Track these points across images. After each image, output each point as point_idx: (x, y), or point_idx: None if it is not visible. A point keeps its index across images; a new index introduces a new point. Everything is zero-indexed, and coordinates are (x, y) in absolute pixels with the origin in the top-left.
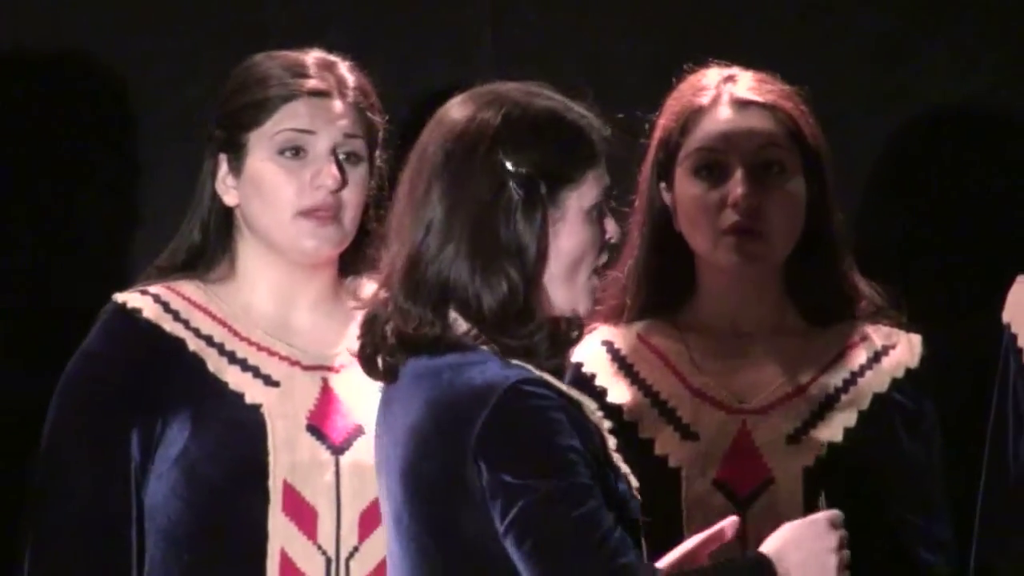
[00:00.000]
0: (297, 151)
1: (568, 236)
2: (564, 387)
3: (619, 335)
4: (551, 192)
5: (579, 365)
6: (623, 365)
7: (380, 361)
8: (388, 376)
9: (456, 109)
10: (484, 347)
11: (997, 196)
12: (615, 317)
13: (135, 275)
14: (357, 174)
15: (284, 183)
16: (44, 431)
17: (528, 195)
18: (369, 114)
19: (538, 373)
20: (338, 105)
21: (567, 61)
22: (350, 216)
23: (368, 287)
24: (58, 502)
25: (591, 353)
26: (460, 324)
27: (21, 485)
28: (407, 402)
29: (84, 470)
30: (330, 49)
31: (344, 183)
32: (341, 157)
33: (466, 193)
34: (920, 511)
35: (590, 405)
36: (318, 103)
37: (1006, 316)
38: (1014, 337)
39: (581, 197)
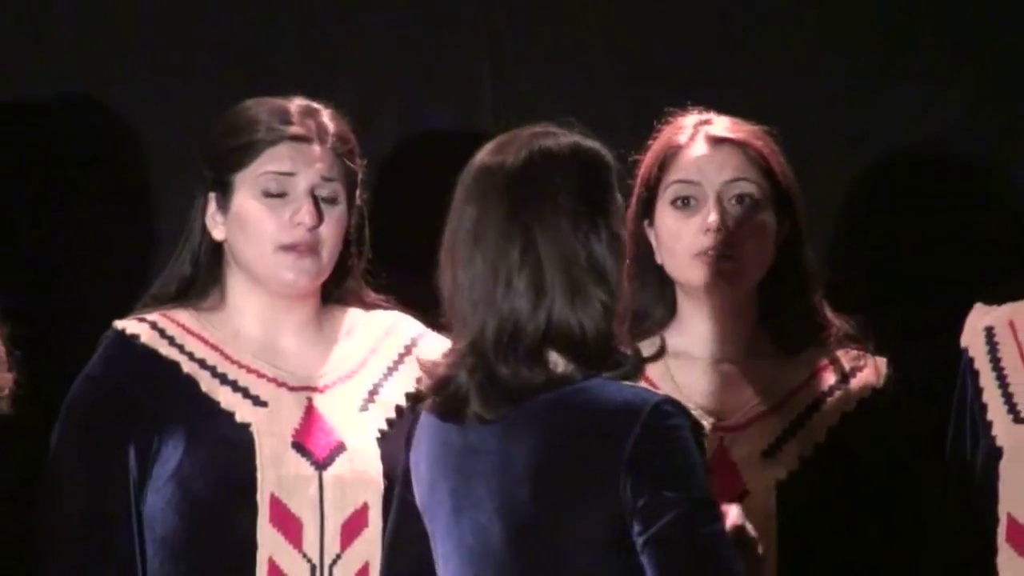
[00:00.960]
0: (279, 191)
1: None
2: (686, 406)
3: None
4: (610, 216)
5: None
6: None
7: (481, 406)
8: (491, 413)
9: (496, 169)
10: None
11: (957, 231)
12: None
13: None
14: (334, 213)
15: (266, 220)
16: (49, 450)
17: (598, 227)
18: (346, 160)
19: (663, 393)
20: (317, 150)
21: (562, 106)
22: (327, 251)
23: (350, 316)
24: (61, 508)
25: None
26: (560, 364)
27: (26, 488)
28: (520, 432)
29: (84, 477)
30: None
31: (320, 220)
32: (319, 197)
33: (548, 246)
34: (883, 521)
35: (704, 423)
36: (299, 147)
37: (964, 341)
38: (971, 360)
39: (621, 207)
